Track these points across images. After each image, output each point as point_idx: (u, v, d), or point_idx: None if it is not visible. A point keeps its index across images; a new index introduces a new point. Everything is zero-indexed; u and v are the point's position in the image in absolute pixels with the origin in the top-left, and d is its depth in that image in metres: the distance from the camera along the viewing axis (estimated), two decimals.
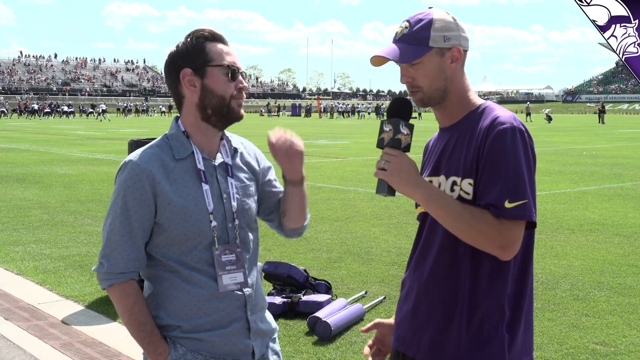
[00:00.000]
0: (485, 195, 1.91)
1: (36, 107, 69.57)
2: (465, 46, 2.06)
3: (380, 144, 2.00)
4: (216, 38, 2.11)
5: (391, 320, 2.27)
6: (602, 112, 56.92)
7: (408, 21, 2.06)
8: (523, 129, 1.94)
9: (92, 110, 71.57)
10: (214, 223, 2.08)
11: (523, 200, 1.88)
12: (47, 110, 70.81)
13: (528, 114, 64.97)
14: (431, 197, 1.94)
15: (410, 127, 1.99)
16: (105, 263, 2.06)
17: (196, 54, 2.07)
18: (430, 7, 2.07)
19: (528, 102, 76.94)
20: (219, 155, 2.16)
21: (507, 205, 1.87)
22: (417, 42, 2.01)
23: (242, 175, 2.20)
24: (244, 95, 2.15)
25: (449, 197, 1.95)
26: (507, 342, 1.99)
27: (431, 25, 2.01)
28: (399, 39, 2.05)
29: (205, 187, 2.08)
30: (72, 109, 70.44)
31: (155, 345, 2.07)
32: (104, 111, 67.11)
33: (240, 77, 2.11)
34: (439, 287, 2.03)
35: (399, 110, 2.01)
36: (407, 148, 1.98)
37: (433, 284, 2.04)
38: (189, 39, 2.10)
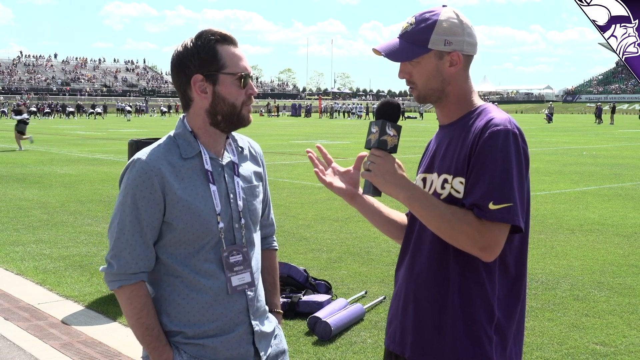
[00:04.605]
0: (470, 195, 1.91)
1: (34, 109, 69.85)
2: (469, 51, 2.04)
3: (368, 145, 2.01)
4: (227, 40, 2.06)
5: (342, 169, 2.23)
6: (613, 112, 56.91)
7: (415, 17, 2.05)
8: (517, 132, 1.93)
9: (92, 110, 71.86)
10: (221, 224, 2.07)
11: (508, 203, 1.86)
12: (47, 110, 71.00)
13: (550, 115, 57.23)
14: (414, 197, 1.94)
15: (397, 129, 2.00)
16: (115, 264, 2.03)
17: (208, 59, 2.02)
18: (444, 6, 2.06)
19: (551, 103, 69.59)
20: (225, 154, 2.15)
21: (492, 206, 1.86)
22: (416, 42, 2.01)
23: (249, 175, 2.20)
24: (253, 100, 2.14)
25: (432, 197, 1.95)
26: (496, 344, 1.98)
27: (434, 27, 2.00)
28: (402, 35, 2.06)
29: (213, 188, 2.07)
30: (72, 109, 70.92)
31: (160, 351, 2.05)
32: (101, 111, 68.23)
33: (250, 83, 2.09)
34: (427, 287, 2.03)
35: (386, 112, 2.02)
36: (393, 149, 1.99)
37: (421, 283, 2.05)
38: (199, 42, 2.03)
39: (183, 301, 2.07)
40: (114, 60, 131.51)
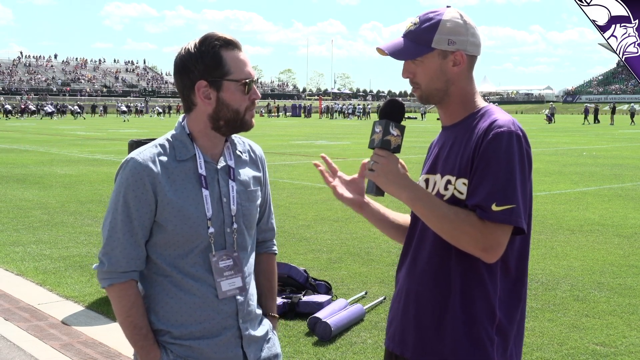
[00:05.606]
0: (473, 196, 1.91)
1: (10, 108, 71.80)
2: (472, 51, 2.05)
3: (371, 145, 2.02)
4: (231, 44, 2.04)
5: (348, 177, 2.25)
6: (613, 112, 57.26)
7: (419, 17, 2.06)
8: (520, 133, 1.93)
9: (71, 109, 73.00)
10: (211, 229, 2.06)
11: (511, 205, 1.87)
12: (33, 108, 73.15)
13: (551, 115, 60.18)
14: (417, 197, 1.95)
15: (401, 129, 2.00)
16: (106, 262, 2.04)
17: (213, 65, 2.01)
18: (448, 6, 2.07)
19: (552, 103, 71.74)
20: (222, 157, 2.14)
21: (495, 208, 1.87)
22: (420, 41, 2.02)
23: (246, 179, 2.18)
24: (256, 105, 2.13)
25: (435, 198, 1.96)
26: (497, 345, 1.98)
27: (438, 26, 2.01)
28: (406, 34, 2.07)
29: (205, 192, 2.06)
30: (53, 110, 71.87)
31: (148, 349, 2.06)
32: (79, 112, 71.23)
33: (254, 87, 2.08)
34: (429, 287, 2.03)
35: (390, 111, 2.02)
36: (396, 149, 1.99)
37: (423, 284, 2.05)
38: (203, 47, 2.02)
39: (171, 300, 2.07)
40: (114, 60, 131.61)
